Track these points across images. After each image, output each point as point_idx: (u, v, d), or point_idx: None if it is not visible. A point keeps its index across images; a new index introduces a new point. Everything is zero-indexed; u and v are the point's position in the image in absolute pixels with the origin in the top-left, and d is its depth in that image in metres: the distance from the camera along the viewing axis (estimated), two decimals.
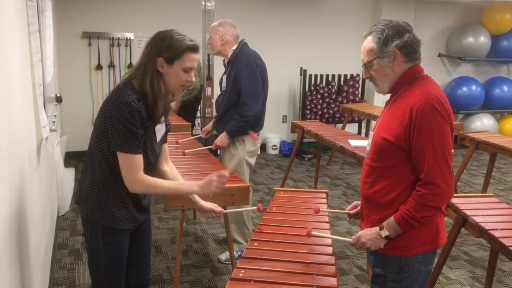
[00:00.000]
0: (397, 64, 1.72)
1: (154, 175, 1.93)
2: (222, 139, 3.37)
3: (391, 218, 1.72)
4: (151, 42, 1.83)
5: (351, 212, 2.07)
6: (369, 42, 1.74)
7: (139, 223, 2.00)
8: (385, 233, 1.73)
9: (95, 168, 1.84)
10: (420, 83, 1.71)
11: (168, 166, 2.12)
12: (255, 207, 2.22)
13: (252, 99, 3.27)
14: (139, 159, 1.79)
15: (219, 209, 2.17)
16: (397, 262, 1.77)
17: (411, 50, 1.71)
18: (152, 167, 1.94)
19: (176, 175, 2.12)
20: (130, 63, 6.08)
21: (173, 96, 1.93)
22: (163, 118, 1.94)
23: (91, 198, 1.86)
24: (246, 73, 3.25)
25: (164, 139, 2.04)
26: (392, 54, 1.70)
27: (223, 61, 3.52)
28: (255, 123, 3.38)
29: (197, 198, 2.14)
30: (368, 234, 1.78)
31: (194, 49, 1.85)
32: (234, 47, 3.35)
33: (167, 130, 2.04)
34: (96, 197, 1.85)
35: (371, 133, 1.86)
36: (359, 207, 2.01)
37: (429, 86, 1.69)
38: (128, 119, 1.73)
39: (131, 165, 1.78)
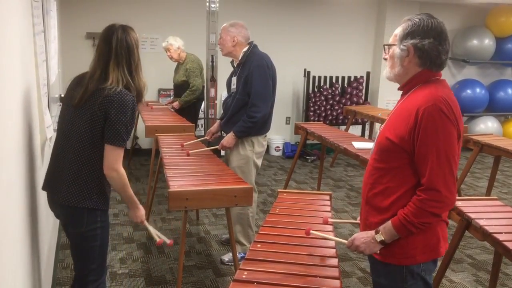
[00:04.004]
0: (408, 61, 1.67)
1: None
2: (228, 139, 3.37)
3: (388, 222, 1.66)
4: (130, 42, 2.03)
5: None
6: (399, 28, 1.71)
7: None
8: (380, 237, 1.68)
9: (93, 161, 1.98)
10: (431, 85, 1.64)
11: None
12: (168, 241, 2.26)
13: (262, 100, 3.28)
14: (123, 152, 2.00)
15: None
16: (399, 271, 1.71)
17: (426, 56, 1.64)
18: None
19: None
20: None
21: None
22: None
23: (93, 191, 2.01)
24: (257, 74, 3.26)
25: None
26: (407, 49, 1.65)
27: (231, 62, 3.52)
28: (263, 125, 3.39)
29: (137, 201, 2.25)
30: (363, 237, 1.73)
31: None
32: (245, 49, 3.36)
33: None
34: (97, 187, 2.02)
35: (378, 132, 1.81)
36: None
37: (440, 88, 1.63)
38: (131, 119, 1.98)
39: (117, 157, 1.97)
